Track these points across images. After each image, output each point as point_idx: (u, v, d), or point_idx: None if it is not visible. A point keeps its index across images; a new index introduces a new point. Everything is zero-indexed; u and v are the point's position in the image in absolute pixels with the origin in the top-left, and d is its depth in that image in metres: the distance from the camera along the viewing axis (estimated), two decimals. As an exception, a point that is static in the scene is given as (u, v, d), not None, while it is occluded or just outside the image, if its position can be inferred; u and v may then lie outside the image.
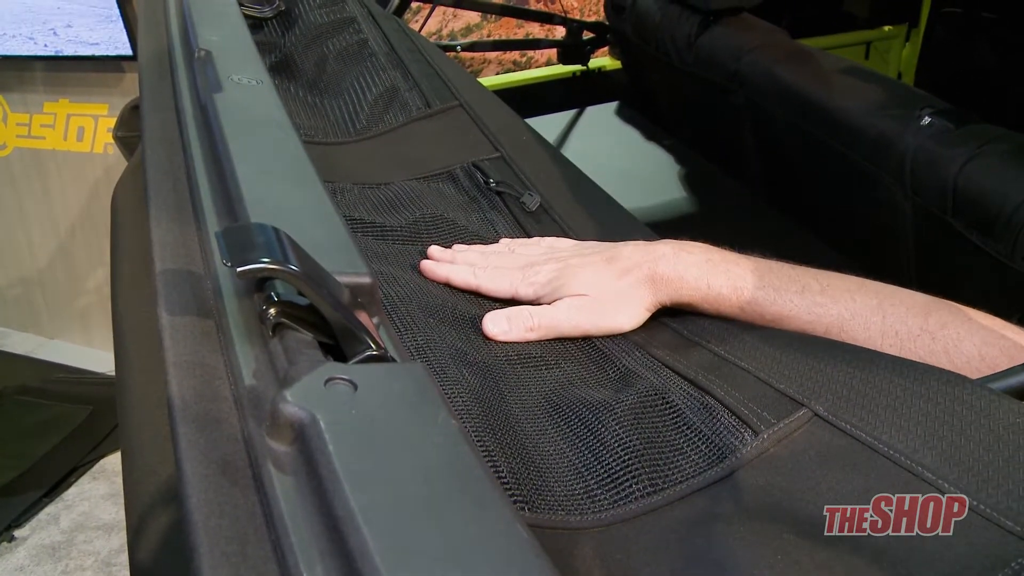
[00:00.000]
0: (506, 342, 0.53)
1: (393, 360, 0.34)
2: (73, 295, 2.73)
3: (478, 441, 0.40)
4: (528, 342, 0.53)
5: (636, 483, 0.40)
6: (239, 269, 0.31)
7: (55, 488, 2.12)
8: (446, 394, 0.43)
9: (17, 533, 1.97)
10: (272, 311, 0.34)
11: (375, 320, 0.38)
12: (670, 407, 0.45)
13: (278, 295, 0.35)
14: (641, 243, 0.58)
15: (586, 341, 0.54)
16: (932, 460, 0.38)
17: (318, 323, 0.35)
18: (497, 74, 2.59)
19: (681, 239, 0.63)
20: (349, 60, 0.90)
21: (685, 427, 0.44)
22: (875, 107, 0.84)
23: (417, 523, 0.26)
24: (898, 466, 0.38)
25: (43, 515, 2.05)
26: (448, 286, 0.58)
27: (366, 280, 0.38)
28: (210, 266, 0.40)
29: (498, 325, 0.54)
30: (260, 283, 0.36)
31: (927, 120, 0.78)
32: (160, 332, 0.35)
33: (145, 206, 0.47)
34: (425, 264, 0.59)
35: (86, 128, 2.52)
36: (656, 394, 0.46)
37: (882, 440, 0.40)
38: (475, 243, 0.64)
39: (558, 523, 0.38)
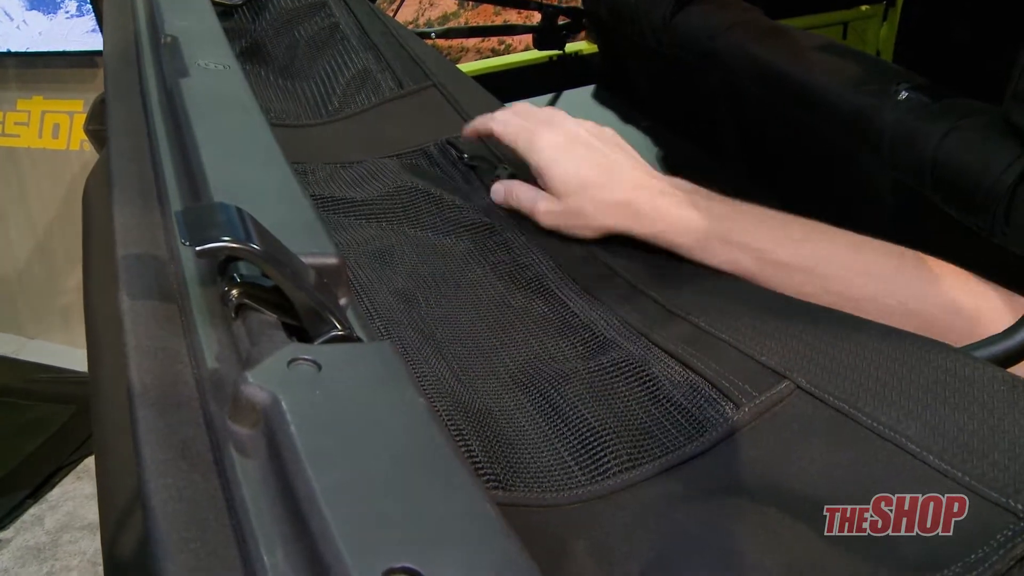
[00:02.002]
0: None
1: (359, 340, 0.33)
2: (53, 294, 2.71)
3: (448, 420, 0.39)
4: (502, 312, 0.52)
5: (613, 458, 0.39)
6: (198, 248, 0.30)
7: (39, 489, 2.11)
8: (415, 374, 0.43)
9: (1, 535, 1.96)
10: (235, 292, 0.33)
11: (343, 301, 0.37)
12: (648, 378, 0.44)
13: (241, 276, 0.34)
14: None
15: (563, 306, 0.53)
16: (916, 431, 0.38)
17: (283, 304, 0.34)
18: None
19: None
20: (320, 44, 0.89)
21: (664, 400, 0.43)
22: (852, 83, 0.83)
23: (381, 504, 0.25)
24: (881, 438, 0.38)
25: (27, 516, 2.03)
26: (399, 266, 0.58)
27: (333, 261, 0.37)
28: (174, 250, 0.39)
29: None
30: (223, 265, 0.35)
31: (904, 95, 0.77)
32: (121, 317, 0.34)
33: (108, 192, 0.46)
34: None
35: (61, 125, 2.49)
36: (633, 365, 0.45)
37: (865, 412, 0.39)
38: (453, 215, 0.64)
39: (533, 501, 0.37)
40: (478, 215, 0.63)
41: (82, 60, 2.35)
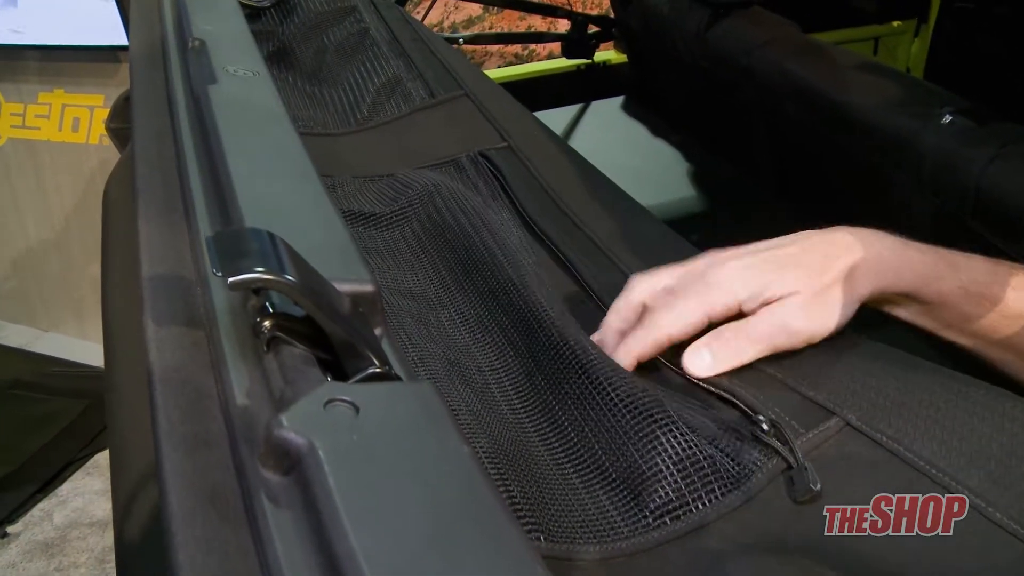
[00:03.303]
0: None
1: (398, 378, 0.31)
2: (69, 287, 2.70)
3: (491, 463, 0.37)
4: (534, 338, 0.50)
5: (656, 507, 0.37)
6: (231, 280, 0.28)
7: (49, 484, 2.09)
8: (453, 409, 0.41)
9: (10, 529, 1.95)
10: (267, 323, 0.31)
11: (378, 331, 0.35)
12: (689, 415, 0.42)
13: (273, 305, 0.32)
14: (809, 233, 0.49)
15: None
16: (979, 483, 0.35)
17: (316, 336, 0.32)
18: (499, 67, 2.56)
19: (692, 238, 0.60)
20: (350, 50, 0.87)
21: (706, 441, 0.41)
22: (892, 104, 0.81)
23: (425, 564, 0.23)
24: (939, 486, 0.36)
25: (36, 511, 2.02)
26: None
27: (368, 288, 0.35)
28: (201, 270, 0.38)
29: (702, 358, 0.44)
30: (255, 291, 0.34)
31: (948, 119, 0.75)
32: (146, 344, 0.33)
33: (133, 204, 0.45)
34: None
35: (81, 119, 2.48)
36: (673, 399, 0.43)
37: (923, 456, 0.37)
38: (484, 225, 0.60)
39: (577, 555, 0.35)
40: (509, 230, 0.61)
41: (104, 55, 2.34)
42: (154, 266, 0.37)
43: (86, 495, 2.08)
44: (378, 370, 0.31)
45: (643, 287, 0.49)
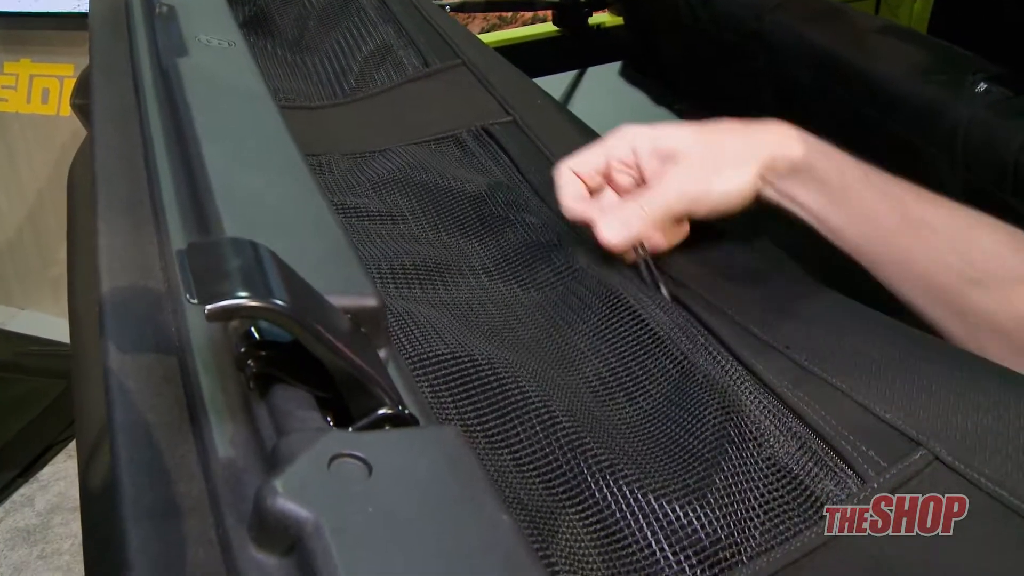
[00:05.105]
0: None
1: (414, 420, 0.26)
2: (45, 264, 2.63)
3: (523, 515, 0.32)
4: (559, 340, 0.45)
5: (709, 552, 0.32)
6: (208, 308, 0.23)
7: (29, 468, 2.04)
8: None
9: (-11, 516, 1.89)
10: (253, 355, 0.26)
11: (383, 353, 0.30)
12: (751, 430, 0.36)
13: (260, 331, 0.27)
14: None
15: (634, 317, 0.45)
16: None
17: (314, 367, 0.26)
18: (482, 30, 2.47)
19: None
20: (334, 14, 0.81)
21: (773, 467, 0.35)
22: (920, 71, 0.76)
23: None
24: None
25: (17, 496, 1.97)
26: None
27: (371, 303, 0.29)
28: (172, 281, 0.32)
29: (616, 232, 0.47)
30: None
31: (983, 87, 0.70)
32: (106, 379, 0.27)
33: (93, 199, 0.39)
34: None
35: (51, 90, 2.39)
36: (726, 409, 0.37)
37: None
38: (495, 211, 0.55)
39: None
40: (522, 214, 0.55)
41: (73, 22, 2.25)
42: (115, 277, 0.32)
43: (68, 479, 2.03)
44: (390, 411, 0.25)
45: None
